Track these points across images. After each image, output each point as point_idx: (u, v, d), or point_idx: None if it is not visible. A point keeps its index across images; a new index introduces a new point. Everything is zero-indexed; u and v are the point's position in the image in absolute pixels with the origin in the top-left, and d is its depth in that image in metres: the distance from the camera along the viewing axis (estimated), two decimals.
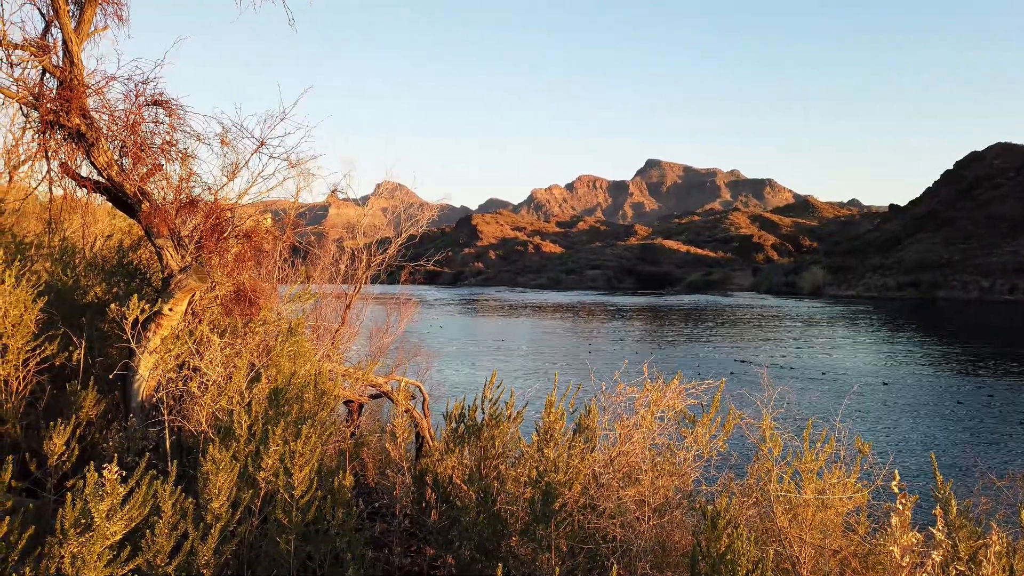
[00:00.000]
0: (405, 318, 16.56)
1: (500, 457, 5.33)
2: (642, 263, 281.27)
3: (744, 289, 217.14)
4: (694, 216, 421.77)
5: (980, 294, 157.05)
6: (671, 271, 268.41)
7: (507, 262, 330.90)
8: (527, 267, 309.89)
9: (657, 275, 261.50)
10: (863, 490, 4.99)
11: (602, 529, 4.34)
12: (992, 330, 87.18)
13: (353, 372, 7.93)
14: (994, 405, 36.80)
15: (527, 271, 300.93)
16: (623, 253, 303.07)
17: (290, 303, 8.08)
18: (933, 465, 3.83)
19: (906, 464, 7.53)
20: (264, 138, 7.25)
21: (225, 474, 3.74)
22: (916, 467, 20.46)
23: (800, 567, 4.88)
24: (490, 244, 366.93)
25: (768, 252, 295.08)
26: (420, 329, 69.80)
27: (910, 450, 26.35)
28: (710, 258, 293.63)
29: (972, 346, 65.40)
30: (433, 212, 16.16)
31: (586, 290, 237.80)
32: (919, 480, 14.25)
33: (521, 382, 28.39)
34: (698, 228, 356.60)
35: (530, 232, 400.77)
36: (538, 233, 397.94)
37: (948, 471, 5.86)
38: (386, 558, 4.95)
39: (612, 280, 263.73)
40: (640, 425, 4.95)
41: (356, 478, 7.32)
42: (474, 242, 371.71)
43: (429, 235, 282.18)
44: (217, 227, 7.49)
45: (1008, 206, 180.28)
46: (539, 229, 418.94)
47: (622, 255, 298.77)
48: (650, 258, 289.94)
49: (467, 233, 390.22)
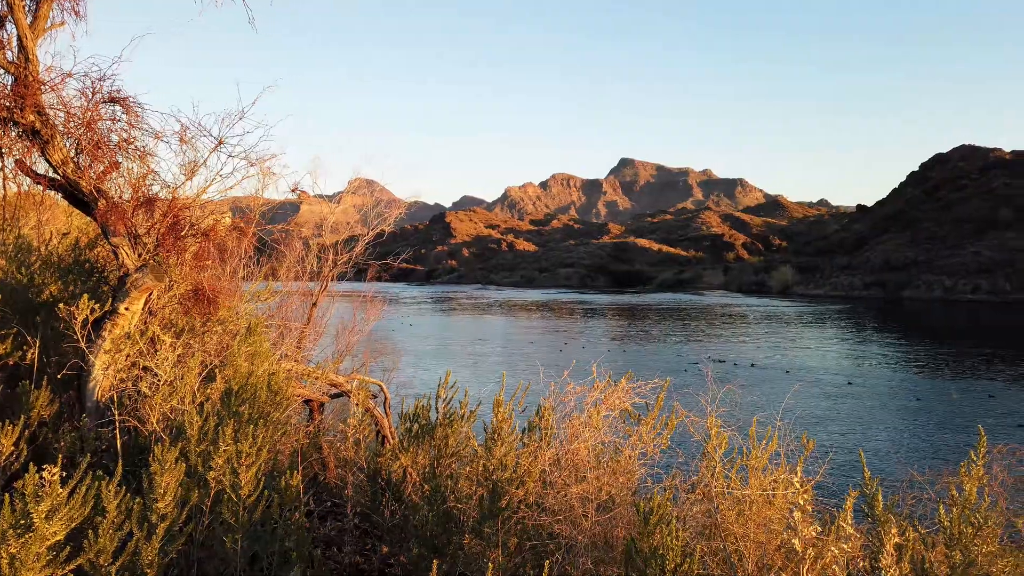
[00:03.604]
0: (372, 316, 16.52)
1: (453, 456, 5.41)
2: (615, 261, 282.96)
3: (715, 288, 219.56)
4: (667, 215, 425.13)
5: (943, 294, 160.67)
6: (644, 269, 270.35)
7: (481, 260, 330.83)
8: (501, 265, 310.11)
9: (630, 273, 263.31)
10: (807, 485, 5.15)
11: (548, 526, 4.45)
12: (954, 330, 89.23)
13: (312, 371, 7.95)
14: (953, 403, 37.72)
15: (500, 269, 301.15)
16: (596, 251, 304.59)
17: (250, 302, 8.06)
18: (861, 461, 3.98)
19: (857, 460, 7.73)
20: (222, 137, 7.23)
21: (171, 474, 3.77)
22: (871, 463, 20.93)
23: (745, 561, 5.03)
24: (464, 242, 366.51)
25: (739, 251, 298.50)
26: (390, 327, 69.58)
27: (867, 446, 26.93)
28: (682, 257, 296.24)
29: (934, 345, 66.90)
30: (402, 210, 16.13)
31: (559, 288, 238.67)
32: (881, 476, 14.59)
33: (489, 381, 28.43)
34: (670, 227, 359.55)
35: (504, 230, 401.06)
36: (512, 231, 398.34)
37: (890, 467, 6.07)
38: (336, 556, 5.01)
39: (585, 278, 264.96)
40: (588, 424, 5.06)
41: (315, 477, 7.35)
42: (448, 240, 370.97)
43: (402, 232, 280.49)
44: (175, 226, 7.46)
45: (971, 207, 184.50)
46: (513, 227, 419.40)
47: (595, 253, 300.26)
48: (623, 256, 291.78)
49: (441, 230, 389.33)
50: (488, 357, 53.10)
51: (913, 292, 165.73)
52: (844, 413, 34.13)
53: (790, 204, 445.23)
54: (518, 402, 5.25)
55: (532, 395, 5.87)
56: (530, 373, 5.53)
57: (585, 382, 5.42)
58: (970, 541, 3.42)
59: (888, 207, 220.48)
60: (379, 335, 20.72)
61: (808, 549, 3.38)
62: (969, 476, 3.54)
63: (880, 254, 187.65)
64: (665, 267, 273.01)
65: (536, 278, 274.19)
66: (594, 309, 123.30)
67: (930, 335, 79.05)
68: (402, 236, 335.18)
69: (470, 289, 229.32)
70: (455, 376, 5.96)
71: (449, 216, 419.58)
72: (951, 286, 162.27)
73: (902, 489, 4.47)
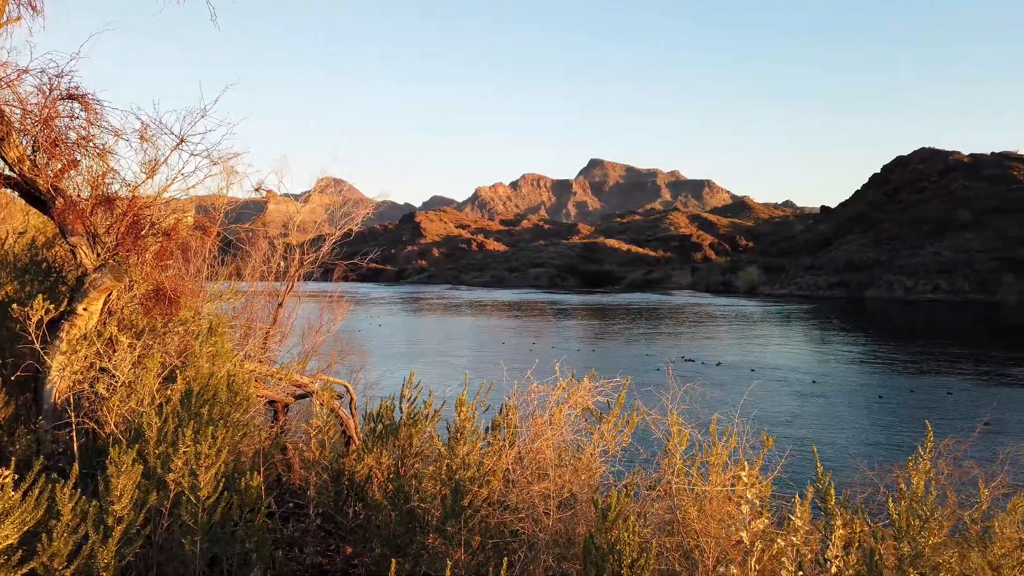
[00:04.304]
0: (339, 317, 16.40)
1: (418, 456, 5.42)
2: (585, 261, 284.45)
3: (683, 288, 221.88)
4: (636, 215, 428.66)
5: (904, 294, 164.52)
6: (613, 270, 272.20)
7: (451, 260, 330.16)
8: (471, 265, 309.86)
9: (599, 273, 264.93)
10: (765, 481, 5.25)
11: (510, 524, 4.48)
12: (915, 329, 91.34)
13: (276, 372, 7.89)
14: (913, 400, 38.62)
15: (471, 269, 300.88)
16: (566, 251, 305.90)
17: (211, 302, 7.97)
18: (815, 457, 4.08)
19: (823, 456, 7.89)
20: (184, 135, 7.15)
21: (128, 476, 3.73)
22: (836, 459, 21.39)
23: (706, 556, 5.12)
24: (434, 241, 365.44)
25: (706, 251, 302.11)
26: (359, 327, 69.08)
27: (833, 442, 27.47)
28: (651, 257, 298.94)
29: (896, 344, 68.44)
30: (369, 209, 16.04)
31: (529, 288, 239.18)
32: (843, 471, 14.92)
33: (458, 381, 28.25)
34: (639, 227, 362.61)
35: (474, 230, 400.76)
36: (482, 231, 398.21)
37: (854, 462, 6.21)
38: (298, 557, 4.99)
39: (555, 278, 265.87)
40: (550, 422, 5.11)
41: (279, 479, 7.29)
42: (417, 239, 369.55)
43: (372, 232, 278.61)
44: (135, 225, 7.35)
45: (930, 209, 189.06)
46: (483, 227, 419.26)
47: (565, 253, 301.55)
48: (593, 257, 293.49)
49: (410, 230, 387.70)
50: (458, 358, 53.04)
51: (875, 292, 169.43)
52: (809, 411, 34.75)
53: (756, 205, 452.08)
54: (481, 401, 5.28)
55: (497, 394, 5.90)
56: (500, 373, 5.56)
57: (548, 381, 5.47)
58: (917, 533, 3.53)
59: (851, 208, 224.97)
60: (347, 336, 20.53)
61: (756, 542, 3.46)
62: (916, 470, 3.65)
63: (843, 254, 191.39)
64: (634, 267, 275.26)
65: (506, 278, 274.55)
66: (564, 309, 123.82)
67: (892, 334, 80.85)
68: (371, 236, 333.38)
69: (440, 289, 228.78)
70: (425, 377, 5.97)
71: (419, 216, 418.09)
72: (912, 286, 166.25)
73: (854, 484, 4.60)
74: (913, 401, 38.28)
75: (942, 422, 30.88)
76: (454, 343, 65.42)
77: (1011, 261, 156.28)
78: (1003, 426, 30.33)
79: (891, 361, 55.54)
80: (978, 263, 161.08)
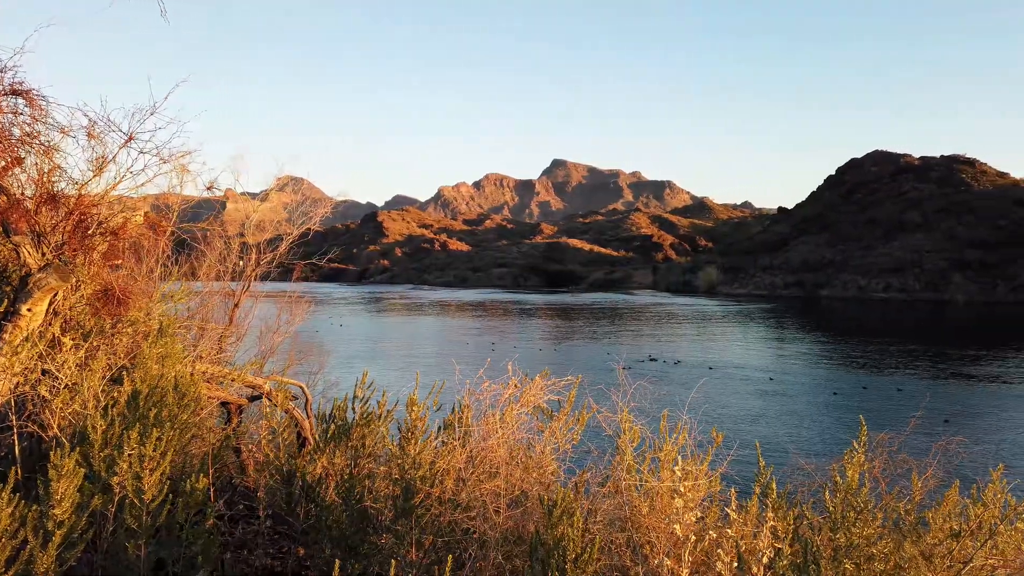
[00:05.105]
0: (297, 317, 16.22)
1: (371, 456, 5.41)
2: (548, 261, 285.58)
3: (644, 287, 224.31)
4: (598, 216, 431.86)
5: (858, 292, 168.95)
6: (576, 269, 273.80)
7: (414, 259, 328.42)
8: (434, 265, 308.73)
9: (562, 273, 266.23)
10: (714, 476, 5.37)
11: (462, 522, 4.51)
12: (868, 327, 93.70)
13: (229, 373, 7.79)
14: (866, 396, 39.67)
15: (434, 269, 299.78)
16: (529, 251, 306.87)
17: (162, 303, 7.84)
18: (757, 452, 4.20)
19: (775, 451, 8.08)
20: (133, 132, 7.01)
21: (69, 480, 3.66)
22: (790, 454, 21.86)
23: (656, 552, 5.21)
24: (396, 241, 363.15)
25: (667, 251, 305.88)
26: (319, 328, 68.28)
27: (789, 438, 28.08)
28: (612, 257, 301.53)
29: (850, 342, 70.16)
30: (327, 208, 15.89)
31: (492, 288, 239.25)
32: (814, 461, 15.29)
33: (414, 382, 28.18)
34: (601, 227, 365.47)
35: (437, 229, 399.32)
36: (445, 231, 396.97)
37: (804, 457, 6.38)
38: (247, 559, 4.95)
39: (518, 278, 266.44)
40: (503, 421, 5.15)
41: (231, 481, 7.21)
42: (380, 239, 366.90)
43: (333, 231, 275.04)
44: (82, 223, 7.19)
45: (883, 210, 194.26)
46: (446, 227, 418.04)
47: (528, 253, 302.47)
48: (555, 256, 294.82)
49: (373, 230, 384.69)
50: (420, 358, 52.82)
51: (830, 291, 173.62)
52: (766, 407, 35.43)
53: (716, 206, 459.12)
54: (433, 400, 5.30)
55: (454, 393, 5.92)
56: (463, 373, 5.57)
57: (501, 380, 5.51)
58: (852, 524, 3.66)
59: (807, 209, 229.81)
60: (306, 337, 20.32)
61: (690, 534, 3.56)
62: (851, 463, 3.78)
63: (799, 255, 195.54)
64: (596, 267, 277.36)
65: (469, 278, 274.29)
66: (528, 309, 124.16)
67: (846, 332, 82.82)
68: (333, 235, 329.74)
69: (403, 289, 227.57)
70: (385, 377, 5.98)
71: (381, 215, 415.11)
72: (865, 285, 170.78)
73: (799, 478, 4.73)
74: (866, 397, 39.34)
75: (893, 417, 31.75)
76: (416, 344, 65.14)
77: (959, 261, 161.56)
78: (936, 418, 31.37)
79: (845, 359, 56.94)
80: (928, 263, 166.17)
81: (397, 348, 60.61)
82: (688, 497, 3.85)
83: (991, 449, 26.93)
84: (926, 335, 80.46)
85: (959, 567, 4.06)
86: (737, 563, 3.45)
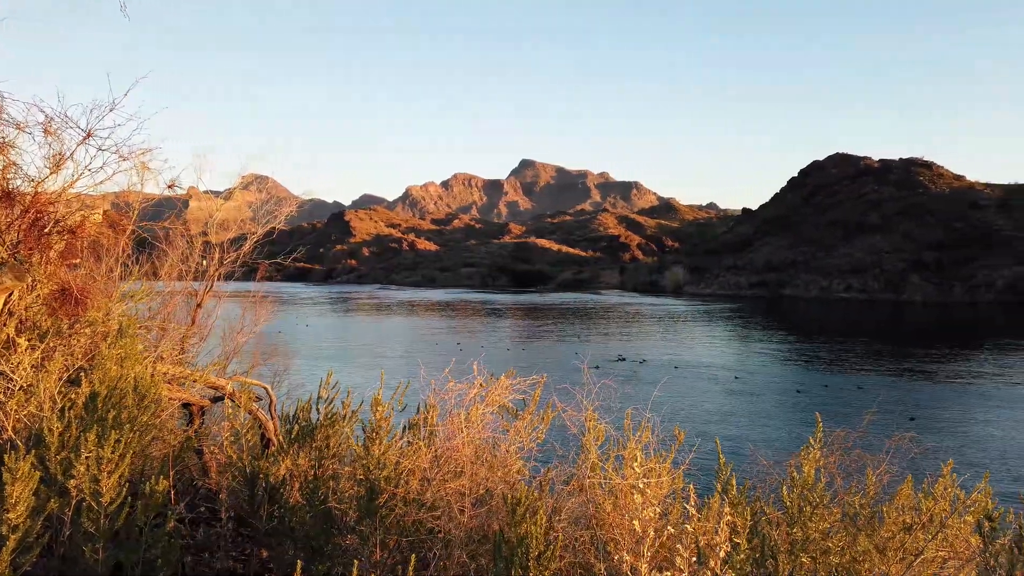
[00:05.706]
0: (262, 317, 16.02)
1: (335, 457, 5.39)
2: (516, 261, 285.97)
3: (612, 287, 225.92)
4: (566, 216, 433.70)
5: (820, 292, 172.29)
6: (544, 269, 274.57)
7: (381, 259, 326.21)
8: (402, 264, 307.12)
9: (530, 273, 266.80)
10: (676, 474, 5.45)
11: (426, 522, 4.52)
12: (829, 326, 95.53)
13: (190, 374, 7.68)
14: (827, 394, 40.49)
15: (402, 268, 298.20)
16: (497, 251, 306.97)
17: (121, 303, 7.69)
18: (717, 449, 4.28)
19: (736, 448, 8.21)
20: (91, 129, 6.88)
21: (23, 483, 3.59)
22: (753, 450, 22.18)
23: (620, 549, 5.28)
24: (364, 241, 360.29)
25: (634, 252, 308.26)
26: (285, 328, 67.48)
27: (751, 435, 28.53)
28: (580, 257, 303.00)
29: (812, 341, 71.48)
30: (292, 207, 15.70)
31: (461, 288, 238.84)
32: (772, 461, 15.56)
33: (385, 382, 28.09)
34: (570, 228, 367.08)
35: (405, 229, 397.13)
36: (413, 230, 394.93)
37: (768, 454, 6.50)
38: (208, 562, 4.89)
39: (486, 278, 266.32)
40: (468, 420, 5.17)
41: (193, 482, 7.10)
42: (347, 239, 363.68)
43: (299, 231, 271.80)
44: (38, 221, 7.04)
45: (843, 212, 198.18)
46: (414, 226, 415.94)
47: (496, 253, 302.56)
48: (524, 256, 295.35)
49: (340, 229, 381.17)
50: (387, 359, 52.54)
51: (793, 291, 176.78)
52: (730, 405, 35.96)
53: (682, 207, 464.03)
54: (398, 401, 5.30)
55: (419, 394, 5.91)
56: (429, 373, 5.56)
57: (466, 379, 5.53)
58: (808, 519, 3.75)
59: (770, 210, 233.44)
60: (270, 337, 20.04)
61: (648, 530, 3.62)
62: (807, 459, 3.88)
63: (763, 255, 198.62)
64: (564, 267, 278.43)
65: (438, 278, 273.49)
66: (497, 309, 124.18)
67: (808, 331, 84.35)
68: (299, 234, 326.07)
69: (371, 289, 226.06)
70: (352, 378, 5.96)
71: (349, 215, 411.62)
72: (826, 285, 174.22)
73: (759, 474, 4.83)
74: (827, 395, 40.16)
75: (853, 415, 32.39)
76: (383, 344, 64.75)
77: (917, 262, 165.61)
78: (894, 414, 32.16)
79: (807, 357, 58.02)
80: (887, 264, 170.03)
81: (363, 348, 60.20)
82: (649, 494, 3.91)
83: (950, 444, 27.71)
84: (886, 335, 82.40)
85: (911, 559, 4.19)
86: (696, 558, 3.51)
